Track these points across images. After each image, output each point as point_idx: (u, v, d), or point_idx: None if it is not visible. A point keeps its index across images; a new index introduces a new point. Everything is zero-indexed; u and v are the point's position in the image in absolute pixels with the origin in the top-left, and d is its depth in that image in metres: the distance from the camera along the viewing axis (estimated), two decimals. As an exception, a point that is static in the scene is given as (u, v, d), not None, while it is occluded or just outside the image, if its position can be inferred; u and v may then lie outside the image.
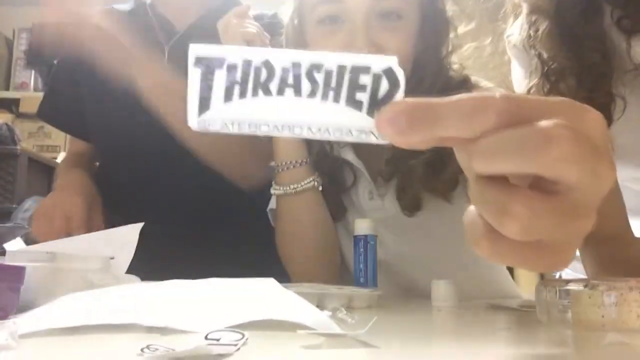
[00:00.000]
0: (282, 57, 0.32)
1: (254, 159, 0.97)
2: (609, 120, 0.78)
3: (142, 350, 0.33)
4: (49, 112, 1.18)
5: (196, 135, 0.94)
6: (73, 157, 1.18)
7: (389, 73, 0.32)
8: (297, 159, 0.84)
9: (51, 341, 0.40)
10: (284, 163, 0.84)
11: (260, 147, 0.94)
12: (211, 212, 1.03)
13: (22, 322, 0.41)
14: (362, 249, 0.83)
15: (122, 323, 0.41)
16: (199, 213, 1.03)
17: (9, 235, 0.66)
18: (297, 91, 0.32)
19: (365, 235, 0.83)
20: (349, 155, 0.91)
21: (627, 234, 0.83)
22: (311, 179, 0.84)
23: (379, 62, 0.32)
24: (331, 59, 0.32)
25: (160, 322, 0.41)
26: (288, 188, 0.84)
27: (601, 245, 0.81)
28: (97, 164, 1.18)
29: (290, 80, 0.32)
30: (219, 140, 0.92)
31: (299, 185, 0.84)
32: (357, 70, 0.32)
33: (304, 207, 0.85)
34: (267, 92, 0.32)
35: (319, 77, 0.32)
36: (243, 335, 0.37)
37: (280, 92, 0.32)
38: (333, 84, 0.32)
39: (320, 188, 0.86)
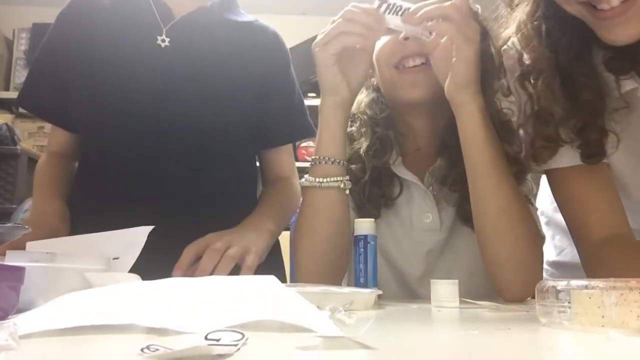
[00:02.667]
0: None
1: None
2: (603, 154, 0.82)
3: (142, 350, 0.33)
4: (31, 100, 1.12)
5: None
6: (51, 164, 1.11)
7: None
8: (333, 157, 0.89)
9: (51, 341, 0.40)
10: (321, 157, 0.90)
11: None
12: (203, 206, 1.02)
13: (22, 322, 0.41)
14: (362, 249, 0.83)
15: (122, 324, 0.41)
16: (191, 206, 1.01)
17: (9, 235, 0.66)
18: None
19: (365, 235, 0.83)
20: (408, 175, 0.99)
21: (628, 234, 0.83)
22: (340, 178, 0.89)
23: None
24: None
25: (160, 323, 0.41)
26: (315, 180, 0.88)
27: (604, 246, 0.81)
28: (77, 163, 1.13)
29: None
30: None
31: (326, 181, 0.88)
32: None
33: (326, 204, 0.89)
34: None
35: None
36: (243, 336, 0.37)
37: None
38: None
39: (347, 191, 0.90)
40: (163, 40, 1.03)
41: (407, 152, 1.02)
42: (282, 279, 1.10)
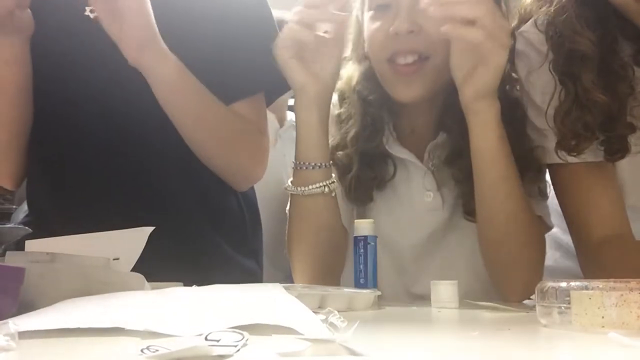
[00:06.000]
0: None
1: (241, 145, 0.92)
2: (626, 151, 0.79)
3: (142, 350, 0.33)
4: None
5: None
6: None
7: None
8: (314, 161, 0.85)
9: (51, 341, 0.40)
10: (301, 163, 0.85)
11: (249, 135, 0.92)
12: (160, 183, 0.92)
13: (22, 322, 0.41)
14: (362, 250, 0.83)
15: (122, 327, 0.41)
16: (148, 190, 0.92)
17: (9, 236, 0.66)
18: None
19: (365, 236, 0.83)
20: (404, 153, 0.94)
21: (629, 235, 0.83)
22: (323, 183, 0.85)
23: None
24: None
25: (157, 328, 0.41)
26: (298, 189, 0.85)
27: (603, 246, 0.81)
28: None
29: None
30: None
31: (308, 188, 0.84)
32: None
33: (313, 210, 0.86)
34: None
35: None
36: (243, 336, 0.37)
37: None
38: None
39: (334, 194, 0.86)
40: (92, 11, 0.86)
41: (400, 133, 0.97)
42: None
